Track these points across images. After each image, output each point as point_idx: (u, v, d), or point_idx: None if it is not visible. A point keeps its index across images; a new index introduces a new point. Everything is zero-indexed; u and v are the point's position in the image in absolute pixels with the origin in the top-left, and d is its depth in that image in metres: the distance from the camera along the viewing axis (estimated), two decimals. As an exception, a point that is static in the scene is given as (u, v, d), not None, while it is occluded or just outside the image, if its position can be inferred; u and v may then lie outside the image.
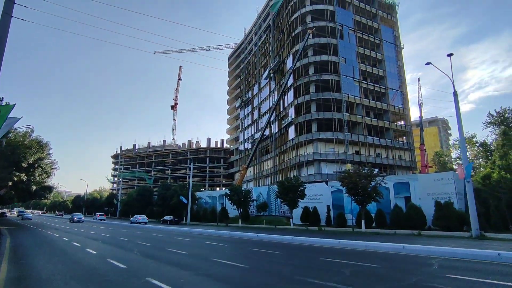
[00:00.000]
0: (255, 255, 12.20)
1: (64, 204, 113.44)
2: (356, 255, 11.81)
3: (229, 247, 15.12)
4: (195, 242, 17.56)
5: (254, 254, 12.27)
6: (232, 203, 38.87)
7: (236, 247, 15.27)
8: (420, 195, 29.41)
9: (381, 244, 13.60)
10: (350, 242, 14.49)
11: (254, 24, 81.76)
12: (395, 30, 61.47)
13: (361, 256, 11.49)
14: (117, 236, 20.87)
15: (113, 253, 12.08)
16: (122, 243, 16.27)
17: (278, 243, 16.36)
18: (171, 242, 17.16)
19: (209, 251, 13.24)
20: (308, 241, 16.22)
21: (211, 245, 15.75)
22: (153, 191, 66.26)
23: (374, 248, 13.24)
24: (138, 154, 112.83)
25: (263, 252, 12.68)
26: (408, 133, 56.68)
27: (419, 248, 12.23)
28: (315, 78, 51.53)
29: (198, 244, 16.57)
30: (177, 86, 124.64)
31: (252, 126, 74.18)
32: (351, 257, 11.15)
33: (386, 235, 22.72)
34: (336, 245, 14.23)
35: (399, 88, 57.30)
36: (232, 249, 14.47)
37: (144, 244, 15.46)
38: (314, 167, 48.69)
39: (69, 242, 16.71)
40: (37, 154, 38.21)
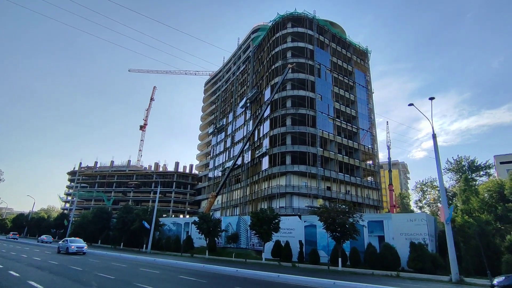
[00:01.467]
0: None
1: (2, 223, 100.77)
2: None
3: (212, 284, 13.34)
4: (166, 275, 15.53)
5: None
6: (200, 232, 36.37)
7: (220, 285, 13.41)
8: (393, 234, 29.40)
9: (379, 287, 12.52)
10: (347, 284, 13.29)
11: (233, 54, 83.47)
12: (367, 75, 65.56)
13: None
14: (69, 265, 18.03)
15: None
16: (76, 274, 13.86)
17: (264, 281, 14.82)
18: (137, 274, 15.03)
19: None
20: (298, 280, 14.81)
21: (188, 280, 13.86)
22: (111, 213, 61.01)
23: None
24: (99, 173, 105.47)
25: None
26: (376, 173, 58.57)
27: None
28: (292, 111, 52.42)
29: (171, 278, 14.59)
30: (148, 107, 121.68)
31: (224, 154, 72.93)
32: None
33: (364, 275, 21.98)
34: (331, 286, 12.96)
35: (369, 129, 59.96)
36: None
37: (105, 276, 13.20)
38: (286, 199, 47.94)
39: (4, 271, 13.96)
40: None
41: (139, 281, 12.31)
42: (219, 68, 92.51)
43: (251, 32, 75.43)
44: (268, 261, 32.17)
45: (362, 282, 14.75)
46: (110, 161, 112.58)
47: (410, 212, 59.84)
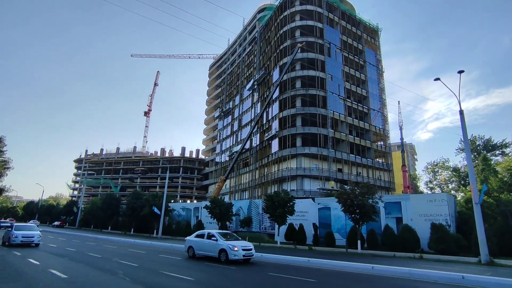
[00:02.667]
0: (295, 284, 9.76)
1: (13, 210, 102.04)
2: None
3: (242, 270, 12.54)
4: (190, 262, 14.78)
5: (292, 283, 9.77)
6: (212, 217, 35.91)
7: (252, 271, 12.43)
8: (412, 215, 28.58)
9: (429, 272, 11.63)
10: (385, 268, 12.34)
11: (239, 36, 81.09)
12: (378, 53, 63.32)
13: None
14: (86, 251, 17.47)
15: (91, 278, 9.22)
16: (96, 261, 13.21)
17: (294, 266, 13.97)
18: (159, 261, 14.34)
19: (218, 276, 10.74)
20: (331, 265, 13.88)
21: (215, 267, 13.09)
22: (120, 200, 60.95)
23: (423, 277, 11.17)
24: (105, 160, 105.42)
25: (302, 280, 10.26)
26: (387, 154, 57.43)
27: (482, 279, 10.48)
28: (302, 92, 50.93)
29: (195, 266, 13.75)
30: (152, 92, 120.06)
31: (231, 138, 71.99)
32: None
33: (386, 257, 21.33)
34: (369, 271, 12.07)
35: (379, 109, 58.40)
36: (245, 274, 11.85)
37: (127, 264, 12.50)
38: (297, 182, 47.20)
39: (23, 259, 13.34)
40: (-14, 150, 33.15)
41: (164, 268, 11.59)
42: (224, 51, 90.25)
43: (256, 12, 72.88)
44: (283, 245, 31.74)
45: (390, 265, 13.99)
46: (116, 148, 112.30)
47: (420, 194, 59.10)
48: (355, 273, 12.20)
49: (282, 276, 10.84)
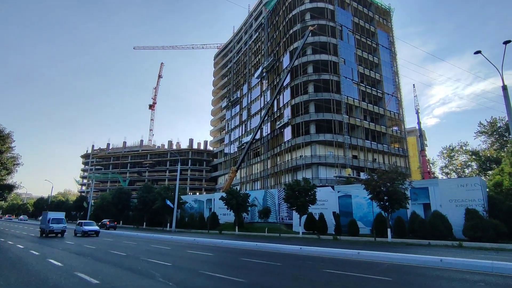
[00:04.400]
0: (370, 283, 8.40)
1: (24, 207, 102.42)
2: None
3: (290, 267, 11.24)
4: (226, 258, 13.57)
5: (364, 282, 8.36)
6: (229, 208, 34.82)
7: (305, 268, 10.88)
8: (441, 201, 27.10)
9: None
10: (456, 261, 10.78)
11: (244, 23, 78.71)
12: (390, 35, 60.88)
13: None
14: (108, 249, 16.32)
15: (128, 284, 7.92)
16: (123, 261, 11.99)
17: (342, 260, 12.61)
18: (192, 258, 13.08)
19: (262, 272, 9.42)
20: (388, 258, 12.32)
21: (258, 264, 11.78)
22: (131, 193, 60.17)
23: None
24: (112, 154, 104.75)
25: (374, 278, 8.83)
26: (403, 139, 55.66)
27: None
28: (314, 77, 49.06)
29: (235, 261, 12.52)
30: (156, 84, 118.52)
31: (240, 127, 70.51)
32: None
33: (422, 246, 20.00)
34: (438, 264, 10.56)
35: (393, 93, 56.34)
36: (301, 271, 10.48)
37: (159, 263, 11.22)
38: (312, 170, 45.82)
39: (43, 259, 12.18)
40: (-4, 146, 32.10)
41: (204, 268, 10.31)
42: (229, 39, 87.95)
43: (262, -3, 70.27)
44: (305, 235, 30.55)
45: (434, 254, 12.62)
46: (123, 142, 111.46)
47: (475, 176, 57.35)
48: (425, 267, 10.69)
49: (344, 274, 9.50)
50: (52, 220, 28.42)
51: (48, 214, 30.10)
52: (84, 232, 28.67)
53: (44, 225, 28.97)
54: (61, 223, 28.91)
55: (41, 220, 31.77)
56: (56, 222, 28.53)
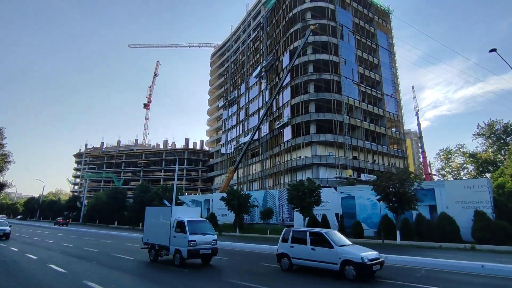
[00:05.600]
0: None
1: (13, 207, 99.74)
2: None
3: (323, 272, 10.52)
4: (243, 262, 12.85)
5: None
6: (230, 209, 34.01)
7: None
8: (447, 203, 26.79)
9: None
10: (498, 267, 10.17)
11: (242, 22, 78.00)
12: (390, 37, 60.88)
13: None
14: (111, 252, 15.40)
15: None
16: (129, 266, 11.14)
17: (396, 267, 11.93)
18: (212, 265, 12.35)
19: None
20: (425, 262, 11.67)
21: (273, 267, 11.12)
22: (126, 193, 58.83)
23: None
24: (106, 154, 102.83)
25: None
26: (402, 141, 55.61)
27: None
28: (315, 77, 48.61)
29: (259, 268, 11.88)
30: (152, 83, 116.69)
31: (237, 127, 69.77)
32: None
33: (433, 249, 19.56)
34: (480, 270, 9.88)
35: (392, 94, 56.27)
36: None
37: (177, 270, 10.42)
38: (313, 171, 45.30)
39: (42, 263, 11.26)
40: (-14, 143, 30.68)
41: (232, 276, 9.57)
42: (226, 38, 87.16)
43: (261, -4, 69.69)
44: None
45: (448, 258, 12.14)
46: (117, 141, 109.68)
47: (482, 178, 57.42)
48: (466, 274, 10.08)
49: (390, 283, 8.82)
50: None
51: None
52: None
53: None
54: None
55: None
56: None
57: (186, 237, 11.79)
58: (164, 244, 12.79)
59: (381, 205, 27.46)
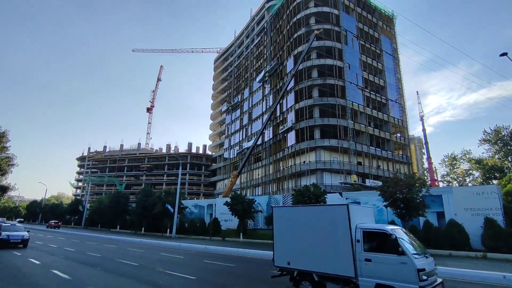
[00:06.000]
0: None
1: (16, 210, 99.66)
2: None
3: None
4: (257, 271, 12.43)
5: None
6: (234, 214, 33.63)
7: None
8: (455, 210, 26.31)
9: None
10: None
11: (246, 27, 78.34)
12: (394, 42, 60.79)
13: None
14: (115, 258, 15.08)
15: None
16: (139, 273, 10.83)
17: None
18: (219, 270, 11.96)
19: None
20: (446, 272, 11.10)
21: None
22: (129, 197, 58.52)
23: None
24: (109, 157, 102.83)
25: None
26: (407, 146, 55.15)
27: None
28: (319, 82, 48.48)
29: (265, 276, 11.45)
30: (155, 88, 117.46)
31: (240, 132, 69.59)
32: None
33: (443, 257, 19.09)
34: (501, 282, 9.48)
35: (396, 99, 55.97)
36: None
37: (187, 278, 10.05)
38: (317, 176, 44.85)
39: (45, 268, 10.96)
40: (-10, 146, 30.60)
41: (241, 284, 9.18)
42: (229, 43, 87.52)
43: (265, 1, 70.07)
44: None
45: (462, 267, 11.68)
46: (120, 145, 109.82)
47: (491, 184, 56.73)
48: (487, 284, 9.63)
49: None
50: None
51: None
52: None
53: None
54: None
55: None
56: None
57: (409, 264, 6.58)
58: (341, 274, 7.54)
59: (388, 212, 27.09)
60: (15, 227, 21.73)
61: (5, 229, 20.13)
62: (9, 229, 20.34)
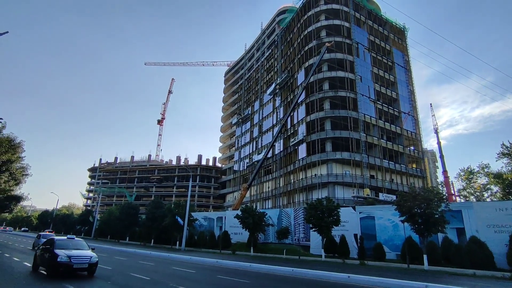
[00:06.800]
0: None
1: (28, 219, 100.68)
2: None
3: None
4: None
5: None
6: (245, 227, 33.00)
7: None
8: (477, 226, 25.15)
9: None
10: None
11: (257, 40, 79.37)
12: (405, 54, 60.44)
13: None
14: (130, 272, 14.69)
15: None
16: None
17: None
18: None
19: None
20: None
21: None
22: (139, 209, 58.44)
23: None
24: (120, 169, 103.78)
25: None
26: (420, 159, 53.89)
27: None
28: (330, 94, 48.23)
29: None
30: (166, 100, 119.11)
31: (250, 144, 69.40)
32: None
33: (468, 277, 18.04)
34: None
35: (409, 112, 55.10)
36: None
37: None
38: (329, 190, 44.01)
39: (60, 284, 10.64)
40: (7, 155, 30.96)
41: None
42: (240, 56, 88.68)
43: (276, 15, 71.18)
44: (326, 259, 28.49)
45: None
46: (130, 157, 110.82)
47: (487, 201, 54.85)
48: None
49: None
50: None
51: None
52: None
53: None
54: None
55: None
56: None
57: None
58: None
59: (405, 227, 26.10)
60: (75, 242, 13.60)
61: (61, 246, 12.60)
62: (67, 246, 12.77)
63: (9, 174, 33.23)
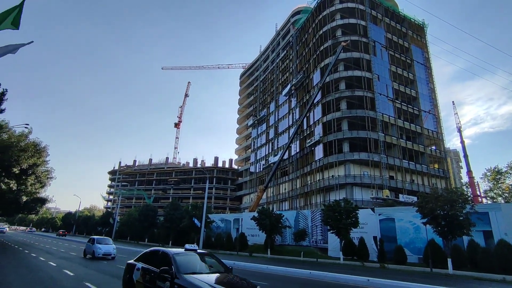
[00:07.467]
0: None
1: (52, 221, 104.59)
2: None
3: None
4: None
5: None
6: (261, 229, 32.86)
7: None
8: (506, 229, 23.90)
9: None
10: None
11: (271, 41, 79.30)
12: (425, 51, 58.67)
13: None
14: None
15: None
16: None
17: None
18: None
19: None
20: None
21: None
22: (157, 211, 59.49)
23: None
24: (138, 171, 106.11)
25: None
26: (443, 159, 52.01)
27: None
28: (347, 94, 47.44)
29: None
30: (183, 103, 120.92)
31: (266, 146, 69.27)
32: None
33: (499, 283, 17.14)
34: None
35: (430, 110, 53.32)
36: None
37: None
38: (347, 191, 43.21)
39: (81, 282, 10.87)
40: (33, 159, 32.13)
41: None
42: (255, 58, 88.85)
43: (290, 16, 70.89)
44: (345, 261, 27.90)
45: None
46: (149, 159, 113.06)
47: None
48: None
49: None
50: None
51: None
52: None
53: None
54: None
55: None
56: None
57: None
58: None
59: (427, 229, 25.19)
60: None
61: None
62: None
63: (35, 177, 34.49)
